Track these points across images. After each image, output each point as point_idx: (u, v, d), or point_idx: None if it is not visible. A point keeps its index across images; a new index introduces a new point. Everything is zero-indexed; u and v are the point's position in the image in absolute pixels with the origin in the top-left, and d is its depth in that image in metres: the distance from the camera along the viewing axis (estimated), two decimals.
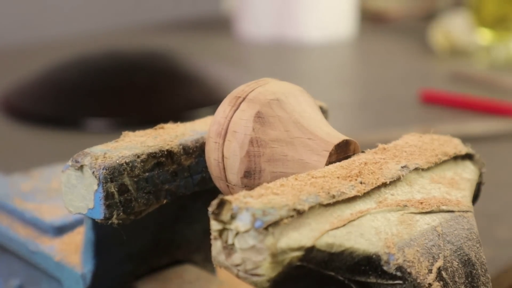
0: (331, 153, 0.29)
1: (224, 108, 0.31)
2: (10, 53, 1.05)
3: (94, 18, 1.22)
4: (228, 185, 0.30)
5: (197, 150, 0.32)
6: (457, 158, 0.31)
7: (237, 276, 0.25)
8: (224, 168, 0.30)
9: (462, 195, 0.30)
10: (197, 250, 0.36)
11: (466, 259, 0.28)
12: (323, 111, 0.35)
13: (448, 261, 0.28)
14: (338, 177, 0.28)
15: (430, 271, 0.27)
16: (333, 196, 0.26)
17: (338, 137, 0.30)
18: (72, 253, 0.35)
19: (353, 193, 0.27)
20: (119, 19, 1.23)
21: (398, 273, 0.26)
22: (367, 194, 0.28)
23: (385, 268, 0.26)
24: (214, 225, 0.25)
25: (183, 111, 0.72)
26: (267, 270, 0.24)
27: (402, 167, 0.29)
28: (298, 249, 0.25)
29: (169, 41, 1.08)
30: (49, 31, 1.16)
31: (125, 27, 1.21)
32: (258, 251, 0.24)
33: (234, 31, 1.13)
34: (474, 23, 0.94)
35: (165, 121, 0.35)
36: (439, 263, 0.27)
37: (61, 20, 1.18)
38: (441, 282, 0.27)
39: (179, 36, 1.13)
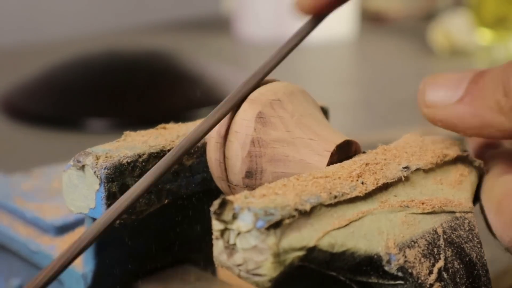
0: (332, 153, 0.29)
1: None
2: (10, 53, 1.05)
3: (94, 19, 1.22)
4: (229, 185, 0.30)
5: (199, 150, 0.32)
6: (458, 159, 0.31)
7: (239, 276, 0.25)
8: (225, 168, 0.30)
9: (463, 196, 0.30)
10: (198, 250, 0.36)
11: (467, 259, 0.28)
12: (324, 112, 0.35)
13: (449, 261, 0.28)
14: (339, 178, 0.28)
15: (431, 271, 0.27)
16: (335, 197, 0.26)
17: (340, 137, 0.30)
18: None
19: (354, 193, 0.27)
20: (119, 20, 1.23)
21: (400, 274, 0.26)
22: (368, 194, 0.28)
23: (386, 268, 0.26)
24: (216, 225, 0.25)
25: (183, 111, 0.72)
26: (268, 270, 0.24)
27: (403, 167, 0.29)
28: (300, 249, 0.25)
29: (169, 41, 1.08)
30: (49, 32, 1.16)
31: (125, 27, 1.21)
32: (259, 251, 0.24)
33: (234, 31, 1.13)
34: (474, 23, 0.94)
35: (165, 121, 0.35)
36: (440, 263, 0.27)
37: (61, 20, 1.18)
38: (442, 283, 0.27)
39: (179, 36, 1.13)
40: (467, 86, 0.29)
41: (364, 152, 0.30)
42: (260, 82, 0.30)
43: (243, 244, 0.24)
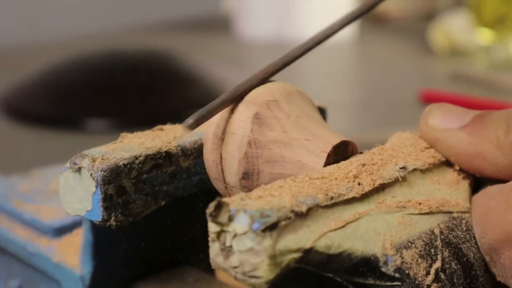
0: (329, 154, 0.29)
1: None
2: (10, 53, 1.05)
3: (94, 18, 1.22)
4: (226, 187, 0.30)
5: (196, 152, 0.32)
6: None
7: (235, 278, 0.25)
8: (222, 170, 0.30)
9: (461, 196, 0.30)
10: (195, 252, 0.36)
11: (465, 260, 0.28)
12: (322, 112, 0.35)
13: (447, 262, 0.28)
14: (336, 178, 0.28)
15: (428, 272, 0.27)
16: (331, 198, 0.26)
17: (336, 138, 0.30)
18: (71, 254, 0.35)
19: (351, 194, 0.27)
20: (119, 20, 1.23)
21: (397, 275, 0.26)
22: (365, 195, 0.28)
23: (383, 269, 0.26)
24: (212, 227, 0.25)
25: (183, 111, 0.72)
26: (265, 272, 0.24)
27: (400, 168, 0.29)
28: (296, 250, 0.25)
29: (169, 41, 1.08)
30: (49, 31, 1.16)
31: (125, 27, 1.21)
32: (256, 253, 0.24)
33: (234, 31, 1.13)
34: (474, 23, 0.94)
35: (165, 121, 0.35)
36: (438, 264, 0.27)
37: (61, 20, 1.18)
38: (440, 284, 0.27)
39: (179, 36, 1.13)
40: (472, 118, 0.30)
41: (361, 153, 0.30)
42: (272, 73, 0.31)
43: (239, 246, 0.24)
